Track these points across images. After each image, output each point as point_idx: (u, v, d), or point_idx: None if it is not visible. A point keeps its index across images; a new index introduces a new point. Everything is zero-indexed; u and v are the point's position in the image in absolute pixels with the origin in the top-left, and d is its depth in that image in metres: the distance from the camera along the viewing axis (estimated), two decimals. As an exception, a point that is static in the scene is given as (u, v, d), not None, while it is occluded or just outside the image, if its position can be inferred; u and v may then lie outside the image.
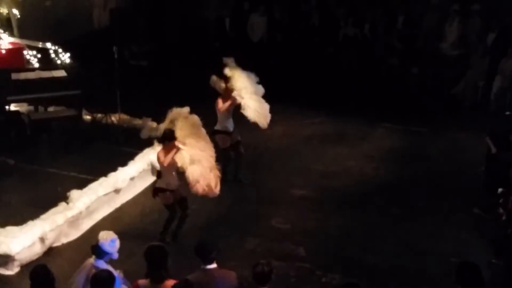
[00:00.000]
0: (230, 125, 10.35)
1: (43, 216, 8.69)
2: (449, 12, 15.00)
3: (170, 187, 8.60)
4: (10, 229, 8.38)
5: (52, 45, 12.78)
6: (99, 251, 6.24)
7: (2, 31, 12.80)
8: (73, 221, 8.91)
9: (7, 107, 11.62)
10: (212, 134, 10.12)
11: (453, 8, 14.91)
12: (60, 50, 12.70)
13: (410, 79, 14.99)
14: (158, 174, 8.93)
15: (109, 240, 6.26)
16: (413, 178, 10.89)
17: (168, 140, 8.39)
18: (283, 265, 8.29)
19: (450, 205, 9.95)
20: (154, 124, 11.20)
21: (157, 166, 8.99)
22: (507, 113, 13.72)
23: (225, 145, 10.33)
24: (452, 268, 5.94)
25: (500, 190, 8.27)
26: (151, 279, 5.90)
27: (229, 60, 10.23)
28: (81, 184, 9.61)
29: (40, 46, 12.82)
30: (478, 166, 11.12)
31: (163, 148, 8.47)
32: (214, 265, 6.05)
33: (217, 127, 10.28)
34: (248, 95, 10.04)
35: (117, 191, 9.73)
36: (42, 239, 8.42)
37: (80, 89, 11.76)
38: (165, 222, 8.82)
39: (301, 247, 8.85)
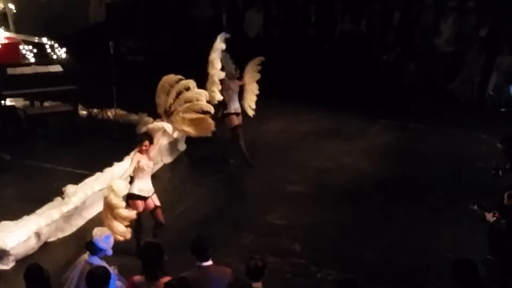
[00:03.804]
0: (238, 107, 10.78)
1: (38, 211, 8.69)
2: (445, 8, 15.00)
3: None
4: (5, 224, 8.37)
5: (48, 40, 12.74)
6: (93, 248, 6.22)
7: (-2, 26, 12.78)
8: (69, 216, 8.90)
9: (2, 102, 11.59)
10: (224, 116, 10.66)
11: (449, 5, 14.91)
12: (56, 45, 12.66)
13: (407, 75, 14.98)
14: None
15: (103, 237, 6.25)
16: (409, 174, 10.90)
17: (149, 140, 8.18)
18: (278, 261, 8.30)
19: (445, 201, 9.95)
20: (150, 120, 11.23)
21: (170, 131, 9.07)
22: (503, 109, 13.75)
23: (234, 123, 10.78)
24: (448, 264, 5.96)
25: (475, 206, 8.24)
26: (146, 276, 5.89)
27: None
28: (77, 179, 9.60)
29: (36, 41, 12.79)
30: (474, 162, 11.17)
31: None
32: (210, 262, 6.03)
33: (229, 110, 10.70)
34: None
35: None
36: (37, 234, 8.41)
37: (76, 84, 11.72)
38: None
39: (297, 242, 8.85)
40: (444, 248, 8.66)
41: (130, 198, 8.04)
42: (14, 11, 13.26)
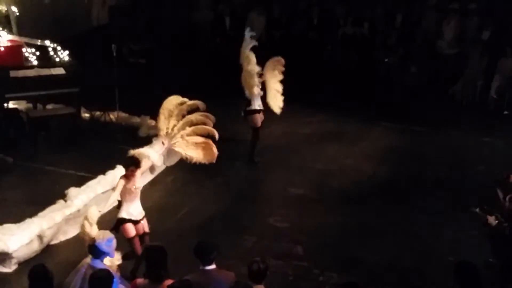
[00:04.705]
0: (261, 103, 10.96)
1: (41, 214, 8.69)
2: (447, 11, 15.00)
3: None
4: (8, 226, 8.37)
5: (50, 43, 12.75)
6: (95, 251, 6.23)
7: (1, 29, 12.76)
8: (71, 219, 8.90)
9: (5, 104, 11.61)
10: (249, 114, 10.84)
11: (451, 7, 14.91)
12: (58, 48, 12.66)
13: (409, 78, 14.98)
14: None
15: (106, 240, 6.25)
16: (411, 177, 10.90)
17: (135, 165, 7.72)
18: (280, 264, 8.30)
19: (448, 204, 9.95)
20: (153, 122, 11.25)
21: (157, 162, 8.78)
22: (506, 112, 13.74)
23: (258, 124, 10.97)
24: (450, 267, 5.96)
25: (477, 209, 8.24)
26: (150, 279, 5.88)
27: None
28: (79, 182, 9.60)
29: (38, 43, 12.79)
30: (476, 165, 11.16)
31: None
32: (213, 266, 6.02)
33: (253, 106, 10.86)
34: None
35: (115, 189, 9.69)
36: (40, 237, 8.42)
37: (78, 87, 11.74)
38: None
39: (299, 245, 8.85)
40: (446, 251, 8.65)
41: (121, 223, 7.70)
42: (17, 13, 13.27)
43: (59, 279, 6.37)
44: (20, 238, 8.17)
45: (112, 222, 7.71)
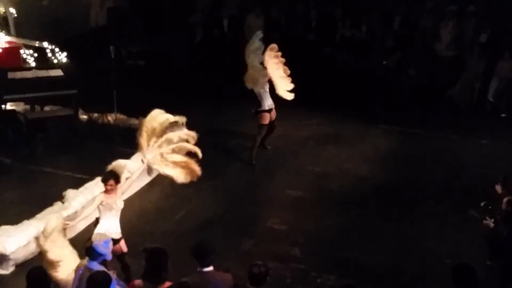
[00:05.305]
0: (271, 102, 11.05)
1: (38, 216, 8.68)
2: (445, 13, 15.01)
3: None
4: (5, 228, 8.38)
5: (49, 44, 12.76)
6: (92, 253, 6.22)
7: (-1, 30, 12.80)
8: (69, 221, 8.87)
9: (3, 106, 11.60)
10: (258, 113, 10.94)
11: (449, 9, 14.91)
12: (57, 49, 12.68)
13: (407, 80, 14.97)
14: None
15: (103, 242, 6.25)
16: (409, 180, 10.89)
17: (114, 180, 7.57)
18: (278, 266, 8.30)
19: (446, 206, 9.95)
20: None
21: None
22: (503, 115, 13.74)
23: (265, 122, 11.04)
24: (448, 270, 5.96)
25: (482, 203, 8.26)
26: (149, 281, 5.87)
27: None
28: (77, 184, 9.59)
29: (37, 45, 12.80)
30: (474, 167, 11.17)
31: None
32: (210, 268, 6.02)
33: (263, 107, 10.95)
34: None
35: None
36: (37, 239, 8.39)
37: (76, 89, 11.75)
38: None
39: (297, 248, 8.86)
40: (444, 253, 8.65)
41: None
42: (15, 15, 13.27)
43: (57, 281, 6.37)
44: (17, 240, 8.17)
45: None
